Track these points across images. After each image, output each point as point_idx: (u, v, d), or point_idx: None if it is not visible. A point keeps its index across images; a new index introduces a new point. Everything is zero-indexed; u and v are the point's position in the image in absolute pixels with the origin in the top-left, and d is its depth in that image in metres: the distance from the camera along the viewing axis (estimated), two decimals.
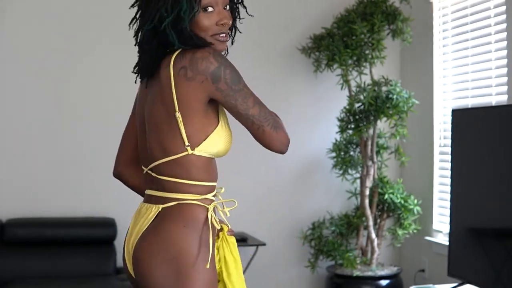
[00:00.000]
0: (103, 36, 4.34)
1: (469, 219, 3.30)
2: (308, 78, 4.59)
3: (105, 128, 4.27)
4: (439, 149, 4.27)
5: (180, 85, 1.77)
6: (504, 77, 3.62)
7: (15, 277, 3.89)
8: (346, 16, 4.26)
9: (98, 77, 4.35)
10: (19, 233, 4.02)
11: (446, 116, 4.18)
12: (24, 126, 4.24)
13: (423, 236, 4.32)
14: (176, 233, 1.78)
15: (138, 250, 1.83)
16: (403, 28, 4.24)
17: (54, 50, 4.27)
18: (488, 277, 3.08)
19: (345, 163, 4.26)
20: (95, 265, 4.04)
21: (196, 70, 1.75)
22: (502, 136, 3.04)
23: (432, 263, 4.25)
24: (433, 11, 4.29)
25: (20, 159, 4.23)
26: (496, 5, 3.71)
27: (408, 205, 4.21)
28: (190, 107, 1.78)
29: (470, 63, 3.97)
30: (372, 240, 4.24)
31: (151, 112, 1.86)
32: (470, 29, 3.95)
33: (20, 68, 4.23)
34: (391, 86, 4.16)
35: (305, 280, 4.60)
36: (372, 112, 4.13)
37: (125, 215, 4.37)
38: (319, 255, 4.29)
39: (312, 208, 4.60)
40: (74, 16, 4.30)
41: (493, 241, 3.10)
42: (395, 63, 4.70)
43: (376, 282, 4.11)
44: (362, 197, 4.25)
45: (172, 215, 1.81)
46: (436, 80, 4.28)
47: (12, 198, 4.20)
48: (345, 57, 4.15)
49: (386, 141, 4.36)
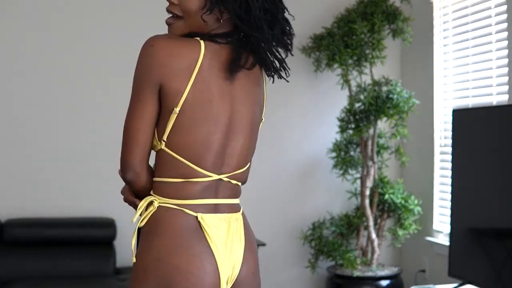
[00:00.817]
0: (102, 35, 4.34)
1: (470, 219, 3.29)
2: (308, 78, 4.58)
3: (105, 128, 4.26)
4: (439, 149, 4.27)
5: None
6: (505, 76, 3.62)
7: (15, 277, 3.88)
8: (346, 16, 4.26)
9: (98, 77, 4.34)
10: (18, 233, 4.01)
11: (447, 116, 4.17)
12: (24, 126, 4.23)
13: (424, 236, 4.32)
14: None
15: (250, 261, 1.77)
16: (403, 28, 4.24)
17: (53, 50, 4.26)
18: (489, 277, 3.07)
19: (345, 163, 4.26)
20: (95, 265, 4.04)
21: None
22: (502, 136, 3.04)
23: (433, 264, 4.24)
24: (434, 11, 4.29)
25: (19, 159, 4.22)
26: (496, 4, 3.70)
27: (409, 205, 4.20)
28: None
29: (470, 62, 3.96)
30: (373, 240, 4.23)
31: (247, 114, 1.75)
32: (471, 29, 3.94)
33: (20, 67, 4.23)
34: (392, 86, 4.16)
35: (305, 281, 4.60)
36: (372, 112, 4.13)
37: (125, 215, 4.37)
38: (319, 255, 4.29)
39: (312, 208, 4.59)
40: (73, 13, 4.30)
41: (494, 241, 3.09)
42: (396, 63, 4.69)
43: (377, 283, 4.10)
44: (362, 197, 4.25)
45: (245, 221, 1.82)
46: (437, 80, 4.27)
47: (11, 198, 4.19)
48: (345, 56, 4.14)
49: (387, 141, 4.35)
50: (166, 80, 1.65)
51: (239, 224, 1.76)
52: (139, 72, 1.69)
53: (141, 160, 1.70)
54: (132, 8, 4.37)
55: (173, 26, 1.74)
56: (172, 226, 1.66)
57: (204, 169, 1.69)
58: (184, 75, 1.65)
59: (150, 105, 1.68)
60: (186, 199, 1.68)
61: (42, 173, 4.24)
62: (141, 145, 1.69)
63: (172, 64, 1.65)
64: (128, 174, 1.73)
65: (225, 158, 1.73)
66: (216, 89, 1.68)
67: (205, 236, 1.67)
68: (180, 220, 1.67)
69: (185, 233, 1.65)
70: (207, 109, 1.67)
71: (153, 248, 1.65)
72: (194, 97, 1.65)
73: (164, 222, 1.67)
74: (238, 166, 1.76)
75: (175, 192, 1.69)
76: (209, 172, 1.70)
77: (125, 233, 4.28)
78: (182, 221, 1.67)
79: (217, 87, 1.69)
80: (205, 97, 1.67)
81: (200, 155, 1.68)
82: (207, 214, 1.69)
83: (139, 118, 1.68)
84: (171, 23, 1.74)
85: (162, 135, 1.69)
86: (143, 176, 1.73)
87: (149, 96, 1.67)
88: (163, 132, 1.68)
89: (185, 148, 1.68)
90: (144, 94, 1.67)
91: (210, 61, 1.68)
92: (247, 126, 1.75)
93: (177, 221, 1.67)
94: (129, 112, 1.71)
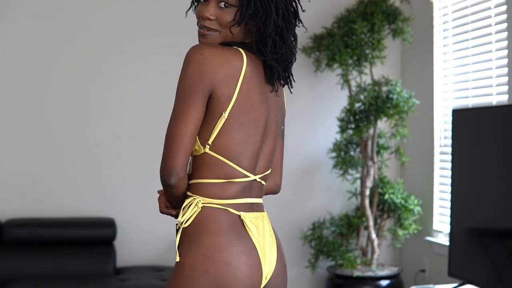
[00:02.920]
0: (109, 35, 4.33)
1: (470, 219, 3.29)
2: (308, 78, 4.58)
3: (106, 129, 4.26)
4: (439, 149, 4.27)
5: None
6: (505, 77, 3.62)
7: (15, 277, 3.88)
8: (346, 16, 4.26)
9: (99, 77, 4.34)
10: (18, 233, 4.01)
11: (447, 116, 4.17)
12: (24, 126, 4.23)
13: (424, 236, 4.32)
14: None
15: (281, 256, 1.89)
16: (403, 27, 4.24)
17: (54, 50, 4.26)
18: (489, 277, 3.07)
19: (345, 163, 4.26)
20: (95, 265, 4.04)
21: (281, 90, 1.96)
22: (502, 136, 3.04)
23: (433, 263, 4.24)
24: (434, 11, 4.29)
25: (19, 159, 4.22)
26: (496, 4, 3.70)
27: (409, 205, 4.20)
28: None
29: (470, 63, 3.96)
30: (373, 240, 4.23)
31: (276, 120, 1.92)
32: (471, 29, 3.94)
33: (21, 67, 4.23)
34: (392, 86, 4.16)
35: (305, 281, 4.60)
36: (372, 112, 4.13)
37: (125, 215, 4.39)
38: (319, 255, 4.29)
39: (312, 208, 4.59)
40: (73, 13, 4.30)
41: (494, 241, 3.09)
42: (396, 63, 4.69)
43: (377, 283, 4.10)
44: (362, 197, 4.25)
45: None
46: (437, 80, 4.27)
47: (11, 198, 4.19)
48: (345, 56, 4.14)
49: (387, 141, 4.35)
50: (218, 86, 1.78)
51: (268, 222, 1.88)
52: (189, 79, 1.78)
53: (184, 165, 1.79)
54: (131, 8, 4.37)
55: (208, 37, 1.86)
56: (219, 225, 1.76)
57: (244, 169, 1.83)
58: (233, 81, 1.79)
59: (198, 111, 1.78)
60: (229, 199, 1.80)
61: (42, 173, 4.24)
62: (185, 150, 1.77)
63: (223, 71, 1.78)
64: (172, 179, 1.78)
65: (258, 159, 1.88)
66: (257, 95, 1.84)
67: (248, 234, 1.79)
68: (225, 219, 1.78)
69: (231, 231, 1.77)
70: (249, 113, 1.82)
71: (201, 246, 1.74)
72: (240, 102, 1.80)
73: (210, 220, 1.77)
74: (267, 167, 1.91)
75: (218, 192, 1.80)
76: (248, 173, 1.84)
77: (125, 233, 4.29)
78: (227, 219, 1.78)
79: (257, 92, 1.85)
80: (248, 102, 1.82)
81: (241, 156, 1.82)
82: (247, 213, 1.81)
83: (186, 123, 1.77)
84: (207, 34, 1.86)
85: (207, 139, 1.80)
86: (185, 181, 1.82)
87: (198, 102, 1.77)
88: (209, 136, 1.80)
89: (228, 150, 1.80)
90: (193, 100, 1.78)
91: (251, 68, 1.83)
92: (275, 130, 1.92)
93: (223, 220, 1.78)
94: (175, 118, 1.79)
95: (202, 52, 1.78)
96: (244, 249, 1.77)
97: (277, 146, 1.95)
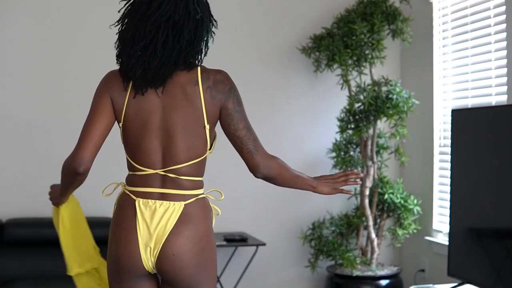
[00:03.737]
0: (109, 35, 4.34)
1: (469, 219, 3.30)
2: (308, 78, 4.59)
3: None
4: (439, 149, 4.28)
5: (207, 102, 2.09)
6: (504, 77, 3.63)
7: (15, 277, 3.88)
8: (346, 16, 4.26)
9: (99, 77, 4.33)
10: (19, 233, 4.01)
11: (446, 116, 4.18)
12: (24, 125, 4.23)
13: (423, 236, 4.32)
14: (206, 226, 2.09)
15: (174, 246, 2.04)
16: (403, 28, 4.25)
17: (54, 50, 4.27)
18: (488, 277, 3.08)
19: (345, 163, 4.26)
20: None
21: (217, 91, 2.09)
22: (502, 136, 3.04)
23: (432, 263, 4.25)
24: (433, 11, 4.29)
25: (19, 159, 4.23)
26: (496, 5, 3.71)
27: (408, 205, 4.21)
28: (212, 120, 2.11)
29: (470, 63, 3.97)
30: (372, 240, 4.24)
31: (174, 120, 2.09)
32: (470, 29, 3.95)
33: (19, 67, 4.23)
34: (391, 86, 4.17)
35: (305, 280, 4.61)
36: (372, 112, 4.14)
37: None
38: (319, 255, 4.29)
39: (312, 208, 4.60)
40: (73, 13, 4.30)
41: (493, 241, 3.10)
42: (395, 63, 4.70)
43: (376, 282, 4.11)
44: (362, 197, 4.26)
45: (199, 209, 2.09)
46: (436, 80, 4.28)
47: (12, 198, 4.20)
48: (345, 57, 4.15)
49: (386, 141, 4.36)
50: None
51: (176, 210, 2.07)
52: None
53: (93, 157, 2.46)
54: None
55: None
56: (126, 203, 2.21)
57: (140, 165, 2.18)
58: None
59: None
60: (134, 187, 2.21)
61: (43, 173, 4.24)
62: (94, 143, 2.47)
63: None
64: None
65: (161, 156, 2.13)
66: (145, 103, 2.22)
67: (137, 214, 2.11)
68: (130, 200, 2.18)
69: (128, 210, 2.18)
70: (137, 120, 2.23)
71: (113, 216, 2.34)
72: (128, 113, 2.30)
73: (122, 200, 2.28)
74: (176, 163, 2.10)
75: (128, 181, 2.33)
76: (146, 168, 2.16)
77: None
78: (130, 201, 2.17)
79: (144, 101, 2.21)
80: (136, 111, 2.25)
81: (136, 155, 2.26)
82: (142, 199, 2.11)
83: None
84: None
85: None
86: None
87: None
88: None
89: (128, 151, 2.32)
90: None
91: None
92: (176, 130, 2.10)
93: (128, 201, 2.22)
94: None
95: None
96: (143, 229, 2.08)
97: (189, 141, 2.09)
